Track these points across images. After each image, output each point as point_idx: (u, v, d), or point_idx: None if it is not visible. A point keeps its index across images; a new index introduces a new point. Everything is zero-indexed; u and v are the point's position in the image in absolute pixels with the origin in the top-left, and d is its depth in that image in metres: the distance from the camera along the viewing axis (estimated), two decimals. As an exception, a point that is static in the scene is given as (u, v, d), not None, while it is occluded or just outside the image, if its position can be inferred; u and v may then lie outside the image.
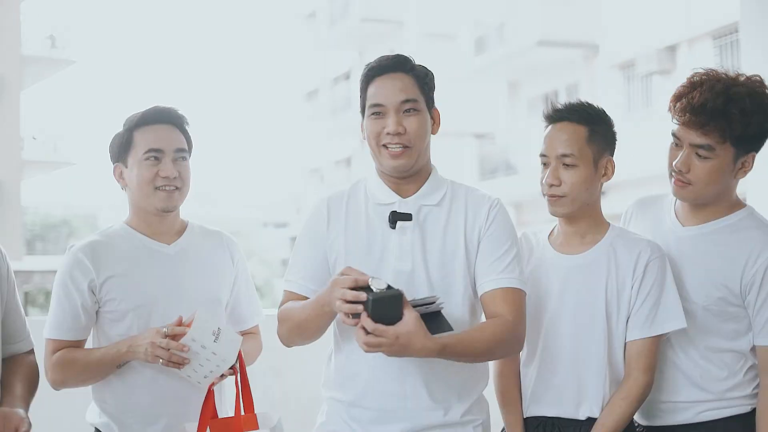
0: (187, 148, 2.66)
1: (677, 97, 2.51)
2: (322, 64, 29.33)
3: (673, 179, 2.54)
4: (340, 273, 2.20)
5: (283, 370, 3.91)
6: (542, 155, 2.52)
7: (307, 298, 2.39)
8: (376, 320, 2.10)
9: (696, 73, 2.52)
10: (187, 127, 2.68)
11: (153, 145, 2.59)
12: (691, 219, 2.59)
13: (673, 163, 2.51)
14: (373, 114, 2.38)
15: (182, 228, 2.72)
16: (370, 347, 2.12)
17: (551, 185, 2.49)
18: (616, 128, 2.57)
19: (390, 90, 2.37)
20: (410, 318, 2.12)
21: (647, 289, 2.47)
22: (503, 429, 2.62)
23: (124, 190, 2.68)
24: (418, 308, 2.18)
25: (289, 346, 2.47)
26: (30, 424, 2.21)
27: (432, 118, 2.43)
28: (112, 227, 2.69)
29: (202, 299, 2.65)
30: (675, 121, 2.51)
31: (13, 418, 2.17)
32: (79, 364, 2.57)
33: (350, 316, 2.14)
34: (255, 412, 2.59)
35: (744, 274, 2.48)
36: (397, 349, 2.13)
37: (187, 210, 2.75)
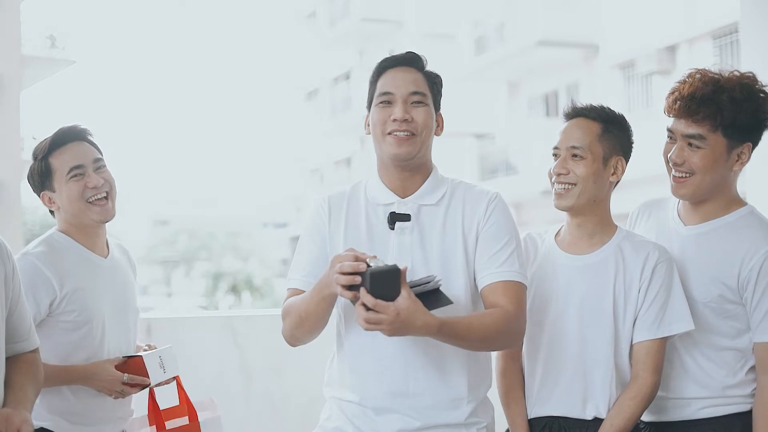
0: (102, 156, 2.79)
1: (670, 93, 2.55)
2: (322, 64, 29.32)
3: (671, 177, 2.56)
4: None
5: (284, 370, 3.91)
6: (555, 148, 2.55)
7: None
8: (375, 296, 2.09)
9: (690, 71, 2.56)
10: (92, 138, 2.79)
11: (72, 162, 2.72)
12: (692, 218, 2.60)
13: (668, 156, 2.54)
14: (381, 102, 2.40)
15: (106, 241, 2.85)
16: (370, 324, 2.11)
17: (559, 174, 2.51)
18: (624, 117, 2.58)
19: (401, 80, 2.40)
20: (408, 294, 2.12)
21: (655, 292, 2.47)
22: (507, 430, 2.63)
23: (55, 213, 2.79)
24: (417, 287, 2.18)
25: (293, 345, 2.46)
26: (32, 426, 2.21)
27: (436, 120, 2.45)
28: (52, 236, 2.77)
29: (133, 310, 2.86)
30: (669, 116, 2.55)
31: (14, 420, 2.17)
32: None
33: (349, 289, 2.13)
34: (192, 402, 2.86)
35: (741, 271, 2.49)
36: (398, 327, 2.12)
37: (185, 210, 2.80)
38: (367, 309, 2.11)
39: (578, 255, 2.55)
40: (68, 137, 2.75)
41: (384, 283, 2.10)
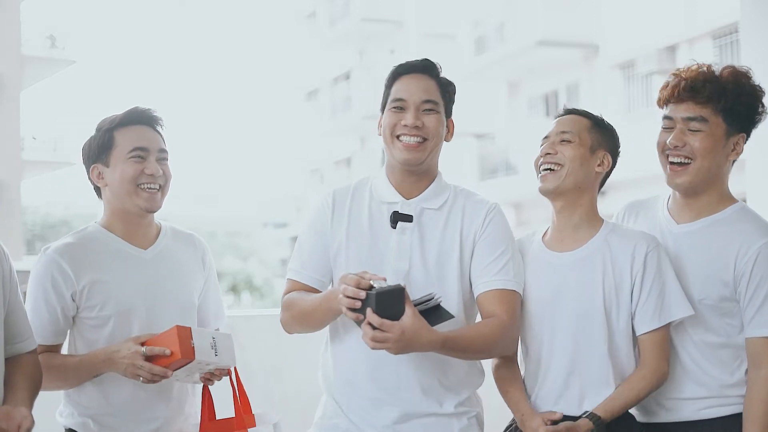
0: (166, 149, 2.67)
1: (664, 86, 2.59)
2: (322, 64, 29.32)
3: (668, 167, 2.56)
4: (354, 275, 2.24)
5: (283, 369, 3.91)
6: (544, 138, 2.59)
7: (309, 286, 2.48)
8: (381, 315, 2.15)
9: (680, 68, 2.60)
10: (162, 129, 2.68)
11: (138, 143, 2.60)
12: (684, 215, 2.60)
13: (666, 141, 2.55)
14: (393, 108, 2.47)
15: (157, 232, 2.71)
16: (377, 343, 2.17)
17: (547, 153, 2.55)
18: (615, 128, 2.63)
19: (414, 88, 2.47)
20: (412, 312, 2.18)
21: (650, 282, 2.48)
22: (510, 423, 2.62)
23: (102, 191, 2.65)
24: (419, 305, 2.24)
25: (290, 333, 2.55)
26: (33, 422, 2.22)
27: (447, 126, 2.53)
28: (87, 228, 2.66)
29: (179, 303, 2.65)
30: (667, 106, 2.58)
31: (15, 416, 2.18)
32: (54, 371, 2.54)
33: (351, 311, 2.20)
34: (252, 412, 2.60)
35: (736, 267, 2.49)
36: (404, 345, 2.18)
37: (185, 210, 2.77)
38: (374, 328, 2.17)
39: (565, 252, 2.56)
40: (141, 118, 2.63)
41: (389, 302, 2.17)
